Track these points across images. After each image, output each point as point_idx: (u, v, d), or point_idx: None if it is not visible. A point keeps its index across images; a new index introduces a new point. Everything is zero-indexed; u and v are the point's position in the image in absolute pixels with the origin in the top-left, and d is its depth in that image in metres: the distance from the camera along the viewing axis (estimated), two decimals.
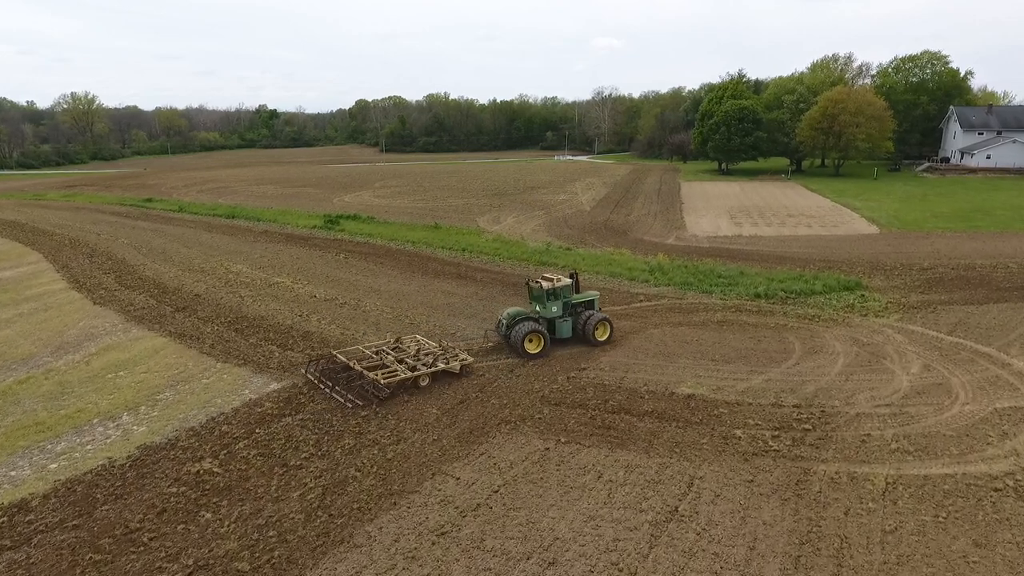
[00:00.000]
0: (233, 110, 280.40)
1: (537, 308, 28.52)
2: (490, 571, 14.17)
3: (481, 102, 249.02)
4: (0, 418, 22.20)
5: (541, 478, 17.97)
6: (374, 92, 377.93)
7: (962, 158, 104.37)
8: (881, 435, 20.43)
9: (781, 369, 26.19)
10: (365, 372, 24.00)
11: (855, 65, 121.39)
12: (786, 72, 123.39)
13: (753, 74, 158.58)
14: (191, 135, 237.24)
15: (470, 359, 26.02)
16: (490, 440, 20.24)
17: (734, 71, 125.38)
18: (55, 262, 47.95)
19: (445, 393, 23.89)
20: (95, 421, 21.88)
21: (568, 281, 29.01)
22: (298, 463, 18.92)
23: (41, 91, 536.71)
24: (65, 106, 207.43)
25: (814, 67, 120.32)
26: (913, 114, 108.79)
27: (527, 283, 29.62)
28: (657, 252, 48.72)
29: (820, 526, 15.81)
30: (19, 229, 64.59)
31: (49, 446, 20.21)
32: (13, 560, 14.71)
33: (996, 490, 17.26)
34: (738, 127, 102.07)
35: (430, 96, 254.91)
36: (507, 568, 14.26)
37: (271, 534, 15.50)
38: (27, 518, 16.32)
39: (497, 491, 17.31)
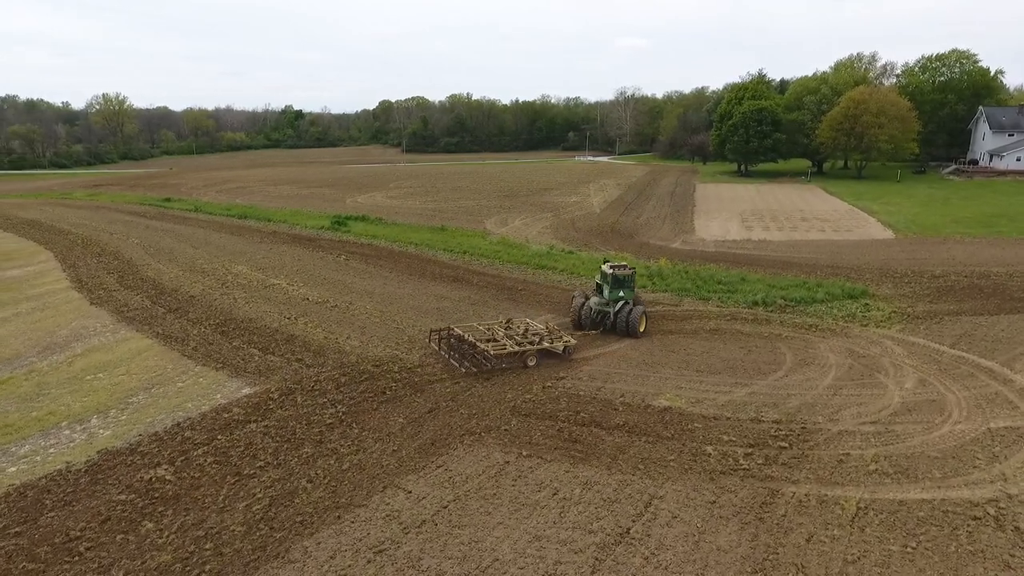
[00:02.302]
0: (260, 111, 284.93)
1: (607, 294, 30.76)
2: None
3: (503, 103, 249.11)
4: None
5: (494, 494, 17.42)
6: (398, 93, 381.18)
7: (991, 160, 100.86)
8: (861, 455, 19.48)
9: (767, 381, 25.26)
10: (478, 343, 26.62)
11: (879, 64, 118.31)
12: (810, 72, 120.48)
13: (779, 74, 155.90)
14: (218, 135, 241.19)
15: (573, 341, 28.17)
16: (450, 452, 19.76)
17: (764, 71, 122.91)
18: (63, 261, 48.72)
19: (415, 401, 23.49)
20: (63, 424, 21.92)
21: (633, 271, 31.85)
22: (252, 472, 18.65)
23: (76, 93, 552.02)
24: (97, 107, 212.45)
25: (837, 67, 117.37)
26: (940, 114, 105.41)
27: (618, 269, 31.59)
28: (660, 256, 47.79)
29: (778, 553, 15.01)
30: (37, 228, 65.93)
31: (13, 448, 20.27)
32: None
33: (975, 518, 16.25)
34: (756, 128, 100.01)
35: (453, 97, 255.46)
36: None
37: (207, 547, 15.22)
38: None
39: (446, 507, 16.82)
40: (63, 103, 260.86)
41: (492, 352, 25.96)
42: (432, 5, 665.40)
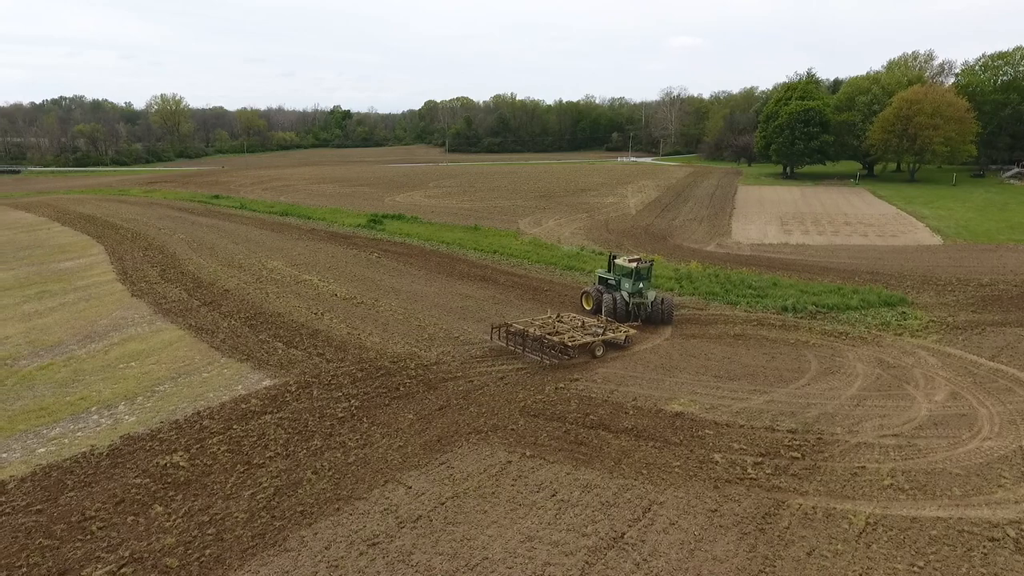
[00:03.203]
0: (309, 111, 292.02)
1: (630, 287, 32.32)
2: None
3: (547, 103, 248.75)
4: (12, 401, 23.69)
5: (493, 492, 17.48)
6: (444, 93, 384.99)
7: None
8: (877, 469, 18.76)
9: (788, 389, 24.58)
10: (548, 337, 27.79)
11: (936, 63, 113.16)
12: (863, 72, 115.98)
13: (833, 74, 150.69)
14: (269, 135, 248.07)
15: (632, 331, 29.58)
16: (455, 450, 19.90)
17: (813, 70, 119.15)
18: (112, 255, 51.02)
19: (427, 398, 23.75)
20: (93, 409, 23.00)
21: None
22: (261, 462, 19.19)
23: (138, 93, 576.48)
24: (155, 107, 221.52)
25: (891, 66, 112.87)
26: (1002, 115, 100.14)
27: (642, 262, 33.46)
28: (692, 259, 46.97)
29: (775, 566, 14.61)
30: (92, 223, 69.20)
31: (45, 431, 21.37)
32: None
33: (992, 540, 15.46)
34: (803, 130, 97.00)
35: (497, 97, 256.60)
36: None
37: (210, 532, 15.75)
38: None
39: (443, 503, 16.96)
40: (126, 103, 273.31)
41: (571, 344, 27.42)
42: (482, 7, 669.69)
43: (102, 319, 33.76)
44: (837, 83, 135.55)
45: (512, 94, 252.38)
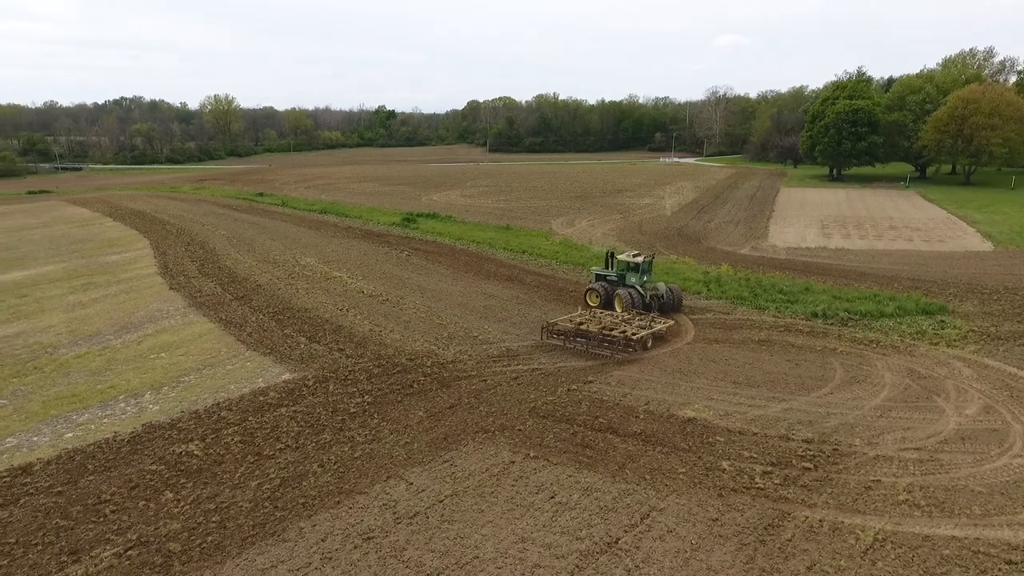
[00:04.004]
0: (355, 110, 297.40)
1: (636, 280, 34.23)
2: None
3: (590, 103, 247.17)
4: (48, 387, 24.92)
5: (492, 492, 17.51)
6: (487, 93, 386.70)
7: None
8: (893, 483, 18.05)
9: (809, 398, 23.86)
10: (606, 333, 28.83)
11: (996, 60, 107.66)
12: (919, 70, 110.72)
13: (886, 72, 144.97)
14: (315, 134, 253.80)
15: (671, 322, 31.51)
16: (460, 448, 20.02)
17: (863, 68, 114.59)
18: (156, 249, 53.10)
19: (439, 396, 23.94)
20: (120, 397, 24.00)
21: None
22: (271, 453, 19.69)
23: (194, 94, 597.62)
24: (208, 107, 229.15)
25: (946, 63, 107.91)
26: None
27: (647, 256, 35.78)
28: (725, 262, 46.00)
29: None
30: (142, 218, 72.16)
31: (74, 416, 22.41)
32: None
33: (1009, 563, 14.69)
34: (850, 130, 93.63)
35: (539, 97, 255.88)
36: None
37: (214, 519, 16.25)
38: (25, 480, 18.20)
39: (442, 501, 17.08)
40: (181, 103, 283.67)
41: (635, 337, 28.48)
42: (527, 8, 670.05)
43: (139, 311, 35.16)
44: (891, 82, 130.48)
45: (555, 94, 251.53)
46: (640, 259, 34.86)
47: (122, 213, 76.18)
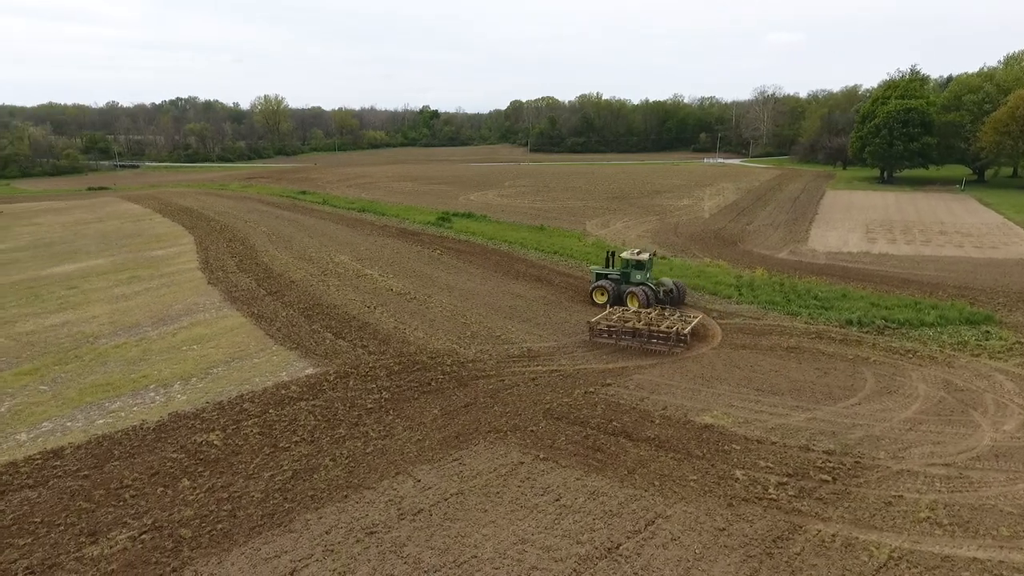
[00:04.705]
0: (400, 110, 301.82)
1: (641, 277, 35.82)
2: None
3: (633, 102, 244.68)
4: (86, 375, 26.07)
5: (498, 492, 17.53)
6: (530, 93, 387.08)
7: None
8: (916, 500, 17.31)
9: (835, 408, 23.10)
10: (654, 329, 29.51)
11: None
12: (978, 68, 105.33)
13: (944, 71, 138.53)
14: (360, 134, 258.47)
15: (700, 315, 32.67)
16: (471, 447, 20.09)
17: (917, 67, 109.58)
18: (199, 245, 54.93)
19: (455, 395, 24.08)
20: (151, 387, 24.93)
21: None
22: (287, 446, 20.16)
23: (246, 94, 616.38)
24: (259, 107, 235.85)
25: (1009, 61, 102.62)
26: None
27: (652, 254, 37.54)
28: (760, 266, 44.89)
29: None
30: (189, 215, 74.75)
31: (107, 404, 23.39)
32: (27, 497, 17.32)
33: None
34: (902, 131, 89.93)
35: (582, 96, 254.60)
36: None
37: (226, 508, 16.73)
38: (56, 463, 19.10)
39: (447, 499, 17.19)
40: (234, 103, 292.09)
41: (684, 332, 29.28)
42: (574, 7, 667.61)
43: (177, 304, 36.45)
44: (951, 81, 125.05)
45: (598, 93, 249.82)
46: (645, 256, 36.22)
47: (171, 209, 79.06)
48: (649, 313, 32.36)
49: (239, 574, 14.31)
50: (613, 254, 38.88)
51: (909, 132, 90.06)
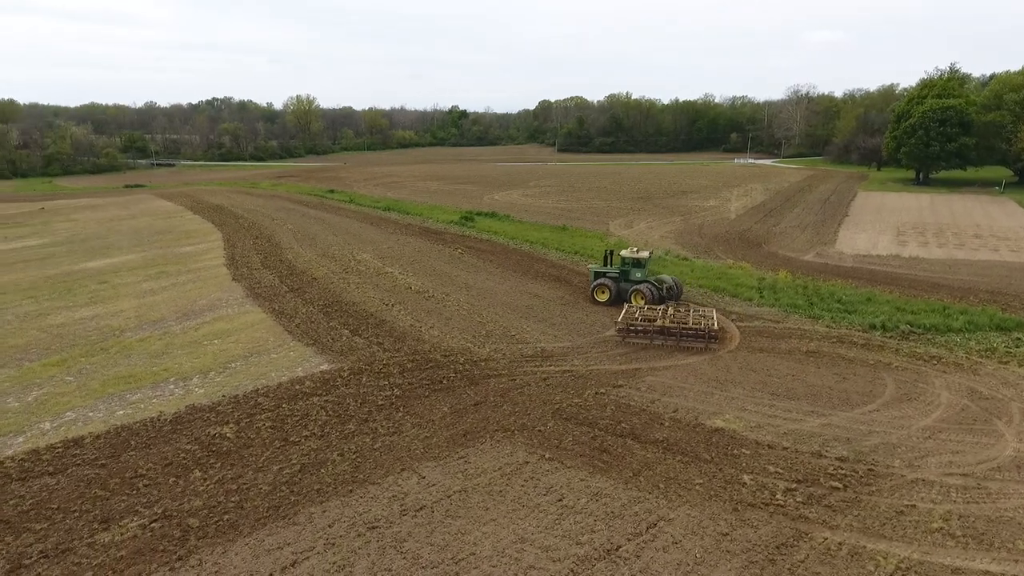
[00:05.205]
0: (429, 110, 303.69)
1: (642, 274, 36.19)
2: (388, 571, 14.30)
3: (663, 102, 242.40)
4: (110, 367, 26.85)
5: (500, 491, 17.57)
6: (559, 92, 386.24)
7: None
8: (930, 510, 16.86)
9: (852, 414, 22.60)
10: (685, 327, 29.98)
11: None
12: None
13: (987, 70, 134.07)
14: (390, 133, 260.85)
15: (712, 309, 33.06)
16: (478, 445, 20.17)
17: (956, 65, 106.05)
18: (227, 242, 56.06)
19: (466, 393, 24.18)
20: (171, 380, 25.56)
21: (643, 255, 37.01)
22: (297, 440, 20.48)
23: (280, 94, 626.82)
24: (291, 107, 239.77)
25: None
26: None
27: (650, 252, 38.41)
28: (784, 268, 44.11)
29: None
30: (219, 212, 76.34)
31: (128, 396, 24.05)
32: (46, 484, 17.92)
33: None
34: (939, 131, 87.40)
35: (611, 96, 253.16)
36: (406, 572, 14.29)
37: (234, 499, 17.08)
38: (75, 452, 19.71)
39: (449, 496, 17.29)
40: (267, 103, 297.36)
41: (715, 328, 29.89)
42: (605, 5, 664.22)
43: (201, 299, 37.29)
44: (992, 79, 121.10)
45: (627, 93, 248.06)
46: (645, 255, 36.76)
47: (202, 207, 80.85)
48: (666, 310, 32.42)
49: (242, 564, 14.60)
50: (612, 252, 39.53)
51: (946, 132, 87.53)
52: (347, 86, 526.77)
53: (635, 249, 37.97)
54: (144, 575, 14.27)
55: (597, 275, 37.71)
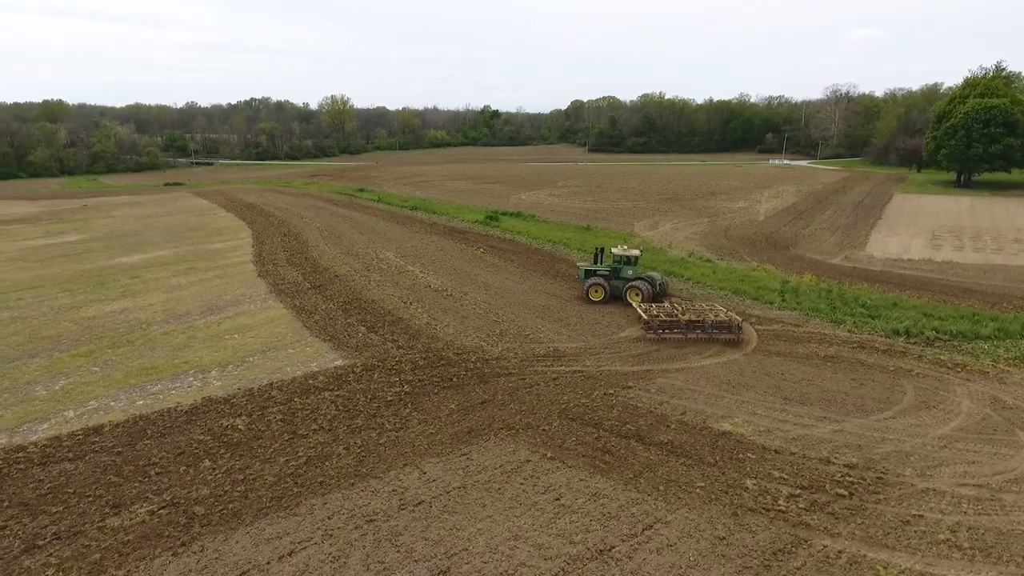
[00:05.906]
0: (461, 110, 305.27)
1: (630, 271, 36.56)
2: (382, 564, 14.55)
3: (697, 102, 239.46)
4: (134, 359, 27.78)
5: (499, 488, 17.68)
6: (592, 92, 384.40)
7: None
8: (939, 521, 16.43)
9: (865, 421, 22.12)
10: (709, 320, 30.48)
11: None
12: None
13: None
14: (422, 133, 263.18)
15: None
16: (481, 443, 20.32)
17: (1003, 63, 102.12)
18: (256, 239, 57.34)
19: (475, 391, 24.36)
20: (191, 372, 26.33)
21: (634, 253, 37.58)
22: (305, 433, 20.92)
23: (316, 94, 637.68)
24: (326, 107, 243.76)
25: None
26: None
27: (639, 251, 38.92)
28: (810, 272, 43.25)
29: None
30: (251, 210, 78.10)
31: (148, 387, 24.87)
32: (64, 469, 18.67)
33: None
34: (981, 132, 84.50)
35: (644, 96, 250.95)
36: (399, 565, 14.51)
37: (239, 489, 17.55)
38: (95, 439, 20.48)
39: (448, 492, 17.47)
40: (303, 103, 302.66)
41: (738, 320, 30.62)
42: (640, 4, 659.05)
43: (226, 295, 38.27)
44: None
45: (660, 93, 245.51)
46: (637, 252, 37.48)
47: (235, 205, 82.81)
48: (681, 304, 33.44)
49: (241, 552, 15.01)
50: (602, 250, 39.69)
51: (990, 133, 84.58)
52: (381, 86, 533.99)
53: (625, 247, 38.35)
54: (148, 559, 14.79)
55: (588, 273, 37.64)
